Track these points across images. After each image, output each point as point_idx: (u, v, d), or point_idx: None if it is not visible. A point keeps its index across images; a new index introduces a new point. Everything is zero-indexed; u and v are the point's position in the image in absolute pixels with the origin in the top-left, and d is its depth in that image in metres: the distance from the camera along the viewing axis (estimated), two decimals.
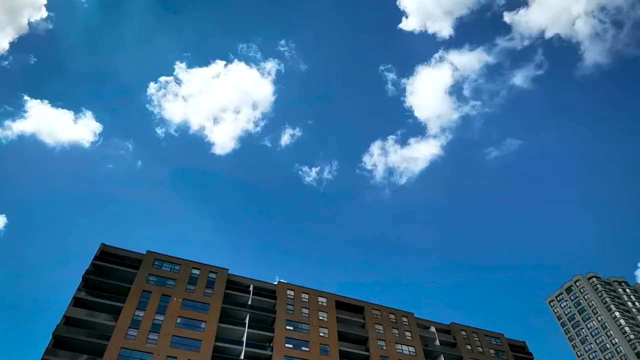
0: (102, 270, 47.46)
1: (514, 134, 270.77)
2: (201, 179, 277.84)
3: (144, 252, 50.66)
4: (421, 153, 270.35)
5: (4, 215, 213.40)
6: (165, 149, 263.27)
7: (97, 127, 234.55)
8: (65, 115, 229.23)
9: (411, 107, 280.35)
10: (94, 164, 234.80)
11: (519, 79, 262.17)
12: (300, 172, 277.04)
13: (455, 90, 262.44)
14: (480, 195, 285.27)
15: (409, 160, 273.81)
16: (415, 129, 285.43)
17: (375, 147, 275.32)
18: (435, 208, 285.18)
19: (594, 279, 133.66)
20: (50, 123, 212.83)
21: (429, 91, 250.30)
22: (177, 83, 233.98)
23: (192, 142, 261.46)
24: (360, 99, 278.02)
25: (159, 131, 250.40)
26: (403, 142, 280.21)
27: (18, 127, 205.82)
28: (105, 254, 49.12)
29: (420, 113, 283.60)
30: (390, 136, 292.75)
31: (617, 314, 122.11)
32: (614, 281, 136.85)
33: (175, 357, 42.59)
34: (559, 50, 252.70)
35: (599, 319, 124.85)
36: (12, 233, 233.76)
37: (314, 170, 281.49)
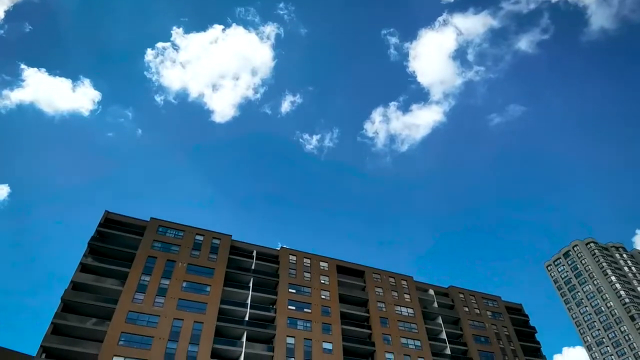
0: (107, 237, 48.34)
1: (517, 100, 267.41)
2: (202, 147, 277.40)
3: (148, 219, 51.38)
4: (423, 120, 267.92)
5: (6, 184, 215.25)
6: (164, 117, 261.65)
7: (95, 95, 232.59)
8: (63, 83, 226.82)
9: (414, 72, 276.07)
10: (94, 133, 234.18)
11: (524, 43, 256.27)
12: (301, 140, 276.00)
13: (459, 55, 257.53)
14: (482, 162, 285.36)
15: (410, 127, 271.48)
16: (417, 95, 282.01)
17: (377, 114, 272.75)
18: (436, 175, 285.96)
19: (592, 245, 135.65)
20: (49, 92, 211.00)
21: (432, 56, 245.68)
22: (174, 49, 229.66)
23: (191, 110, 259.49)
24: (361, 64, 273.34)
25: (158, 99, 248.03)
26: (405, 109, 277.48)
27: (16, 96, 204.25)
28: (110, 221, 49.89)
29: (423, 78, 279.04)
30: (392, 102, 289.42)
31: (613, 278, 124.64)
32: (611, 247, 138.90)
33: (182, 319, 44.02)
34: (565, 15, 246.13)
35: (595, 283, 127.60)
36: (15, 202, 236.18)
37: (315, 138, 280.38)
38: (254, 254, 54.88)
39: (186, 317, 44.32)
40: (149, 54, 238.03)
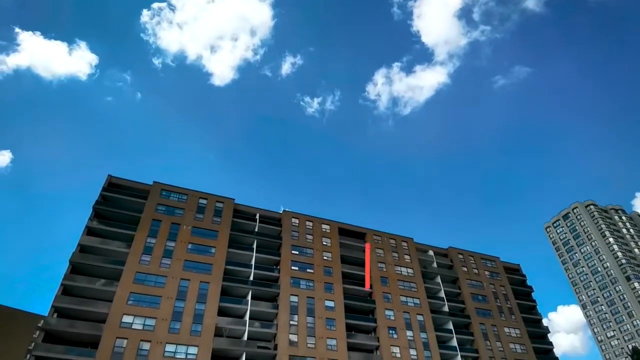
0: (111, 200, 48.92)
1: (523, 62, 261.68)
2: (202, 112, 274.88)
3: (151, 183, 51.77)
4: (427, 81, 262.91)
5: (8, 150, 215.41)
6: (163, 80, 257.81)
7: (92, 58, 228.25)
8: (59, 47, 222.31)
9: (418, 32, 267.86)
10: (92, 97, 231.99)
11: (532, 2, 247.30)
12: (302, 103, 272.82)
13: (465, 14, 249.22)
14: (485, 125, 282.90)
15: (414, 89, 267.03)
16: (421, 56, 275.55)
17: (380, 76, 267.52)
18: (439, 138, 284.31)
19: (592, 207, 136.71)
20: (45, 56, 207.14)
21: (437, 15, 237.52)
22: (170, 9, 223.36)
23: (190, 73, 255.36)
24: (364, 24, 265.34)
25: (156, 62, 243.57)
26: (408, 70, 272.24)
27: (13, 61, 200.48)
28: (113, 185, 50.35)
29: (428, 38, 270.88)
30: (396, 63, 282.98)
31: (611, 240, 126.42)
32: (610, 209, 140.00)
33: (189, 280, 45.31)
34: None
35: (593, 244, 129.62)
36: (18, 168, 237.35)
37: (316, 100, 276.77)
38: (257, 217, 55.65)
39: (192, 277, 45.58)
40: (145, 14, 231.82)
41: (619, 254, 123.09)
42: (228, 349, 43.12)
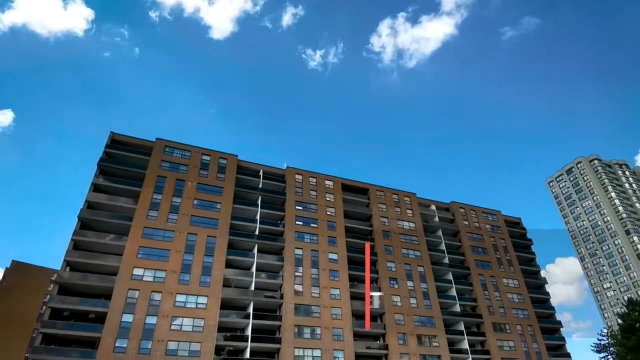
0: (115, 157, 49.18)
1: (532, 12, 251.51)
2: (201, 66, 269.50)
3: (153, 140, 51.77)
4: (433, 32, 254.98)
5: (10, 109, 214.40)
6: (161, 34, 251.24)
7: (88, 13, 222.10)
8: (54, 1, 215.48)
9: None
10: (90, 53, 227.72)
11: None
12: (303, 56, 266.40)
13: None
14: (492, 78, 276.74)
15: (419, 40, 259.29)
16: (427, 5, 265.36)
17: (384, 27, 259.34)
18: (444, 91, 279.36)
19: (596, 161, 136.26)
20: (40, 11, 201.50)
21: None
22: None
23: (188, 26, 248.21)
24: None
25: (153, 15, 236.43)
26: (414, 21, 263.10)
27: (8, 18, 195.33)
28: (116, 142, 50.43)
29: None
30: (401, 13, 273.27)
31: (613, 194, 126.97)
32: (614, 164, 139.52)
33: (196, 234, 46.43)
34: None
35: (595, 198, 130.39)
36: (20, 127, 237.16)
37: (318, 53, 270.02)
38: (261, 173, 56.02)
39: (199, 232, 46.68)
40: None
41: (620, 208, 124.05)
42: (236, 298, 44.97)
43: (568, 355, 60.37)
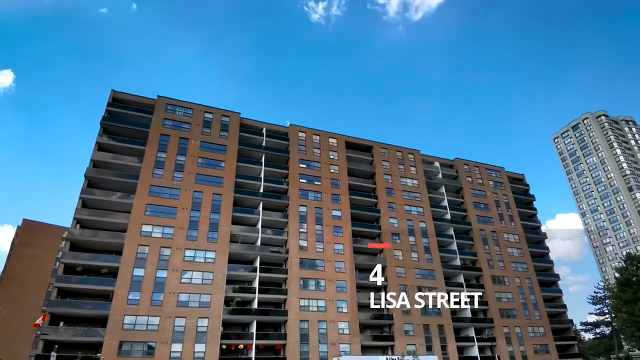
0: (117, 116, 48.94)
1: None
2: (200, 20, 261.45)
3: (155, 98, 51.26)
4: None
5: (9, 70, 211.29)
6: None
7: None
8: None
9: None
10: (86, 9, 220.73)
11: None
12: (306, 8, 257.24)
13: None
14: (501, 31, 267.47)
15: None
16: None
17: None
18: (451, 45, 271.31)
19: (603, 117, 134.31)
20: None
21: None
22: None
23: None
24: None
25: None
26: None
27: None
28: (117, 100, 50.02)
29: None
30: None
31: (618, 151, 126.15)
32: (622, 120, 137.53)
33: (202, 192, 47.08)
34: None
35: (600, 155, 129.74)
36: (22, 87, 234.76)
37: (321, 5, 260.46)
38: (264, 131, 55.82)
39: (205, 190, 47.30)
40: None
41: (624, 164, 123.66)
42: (243, 253, 46.36)
43: (564, 306, 62.62)
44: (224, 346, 40.78)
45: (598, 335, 67.19)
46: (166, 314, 39.46)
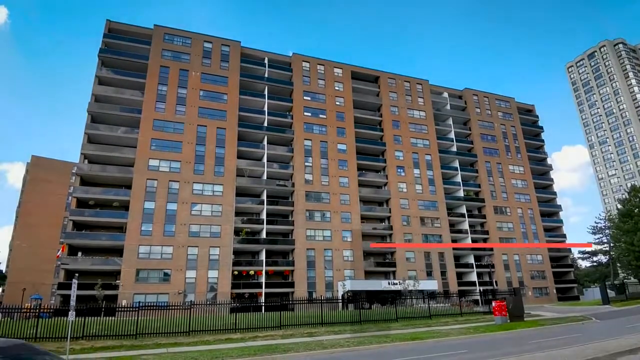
0: (114, 47, 47.21)
1: None
2: None
3: (151, 27, 49.00)
4: None
5: (3, 5, 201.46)
6: None
7: None
8: None
9: None
10: None
11: None
12: None
13: None
14: None
15: None
16: None
17: None
18: None
19: (620, 45, 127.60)
20: None
21: None
22: None
23: None
24: None
25: None
26: None
27: None
28: (113, 31, 47.95)
29: None
30: None
31: (633, 81, 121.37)
32: (639, 48, 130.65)
33: (206, 126, 46.68)
34: None
35: (614, 85, 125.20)
36: (16, 24, 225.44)
37: None
38: (266, 61, 53.88)
39: (209, 123, 46.86)
40: None
41: (638, 95, 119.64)
42: (250, 186, 47.09)
43: (564, 236, 64.30)
44: (236, 272, 43.09)
45: (595, 264, 69.68)
46: (179, 244, 41.16)
